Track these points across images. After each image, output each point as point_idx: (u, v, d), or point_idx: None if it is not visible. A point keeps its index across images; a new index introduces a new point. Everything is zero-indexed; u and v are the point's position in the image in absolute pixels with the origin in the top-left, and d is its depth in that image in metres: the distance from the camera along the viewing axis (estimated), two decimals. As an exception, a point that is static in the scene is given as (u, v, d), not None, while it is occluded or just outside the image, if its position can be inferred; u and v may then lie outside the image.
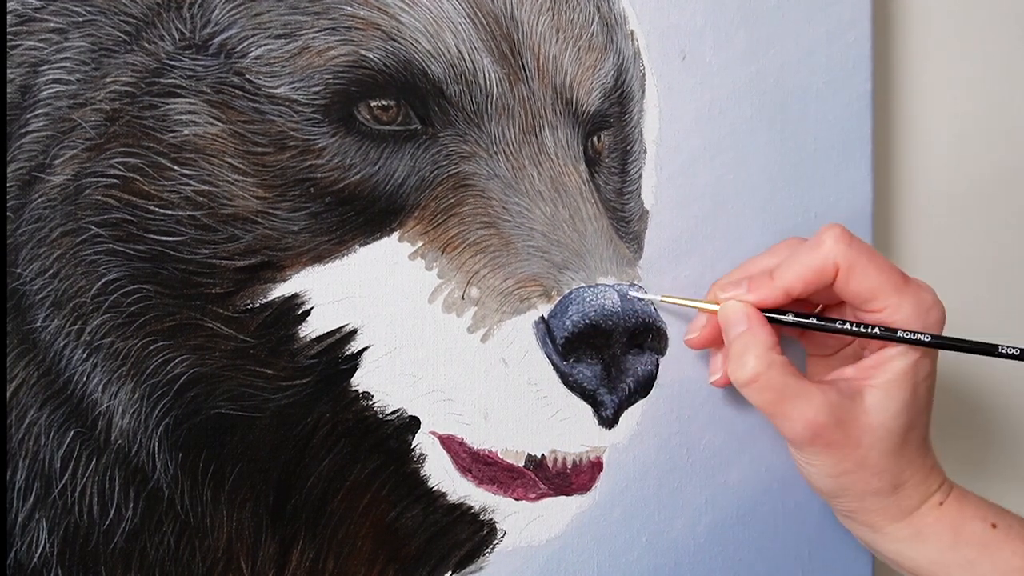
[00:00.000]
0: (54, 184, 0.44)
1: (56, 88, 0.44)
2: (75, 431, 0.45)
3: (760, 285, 0.52)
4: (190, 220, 0.45)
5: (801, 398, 0.50)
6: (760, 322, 0.51)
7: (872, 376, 0.51)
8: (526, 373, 0.49)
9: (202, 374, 0.46)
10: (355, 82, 0.46)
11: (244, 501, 0.47)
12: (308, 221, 0.46)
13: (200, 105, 0.45)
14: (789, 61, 0.59)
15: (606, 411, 0.50)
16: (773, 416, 0.51)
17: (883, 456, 0.51)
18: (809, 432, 0.50)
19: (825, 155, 0.60)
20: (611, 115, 0.55)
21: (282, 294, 0.46)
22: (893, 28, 0.69)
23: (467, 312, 0.48)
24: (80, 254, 0.44)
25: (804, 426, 0.50)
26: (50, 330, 0.44)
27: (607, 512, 0.54)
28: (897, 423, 0.51)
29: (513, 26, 0.50)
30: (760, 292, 0.52)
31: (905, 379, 0.51)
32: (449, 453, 0.49)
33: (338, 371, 0.48)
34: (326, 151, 0.46)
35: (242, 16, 0.45)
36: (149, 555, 0.46)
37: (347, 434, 0.48)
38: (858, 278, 0.51)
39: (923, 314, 0.51)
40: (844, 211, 0.61)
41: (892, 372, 0.51)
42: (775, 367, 0.50)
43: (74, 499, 0.45)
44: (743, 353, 0.50)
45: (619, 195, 0.56)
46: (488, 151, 0.49)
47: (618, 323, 0.48)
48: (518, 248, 0.48)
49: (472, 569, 0.52)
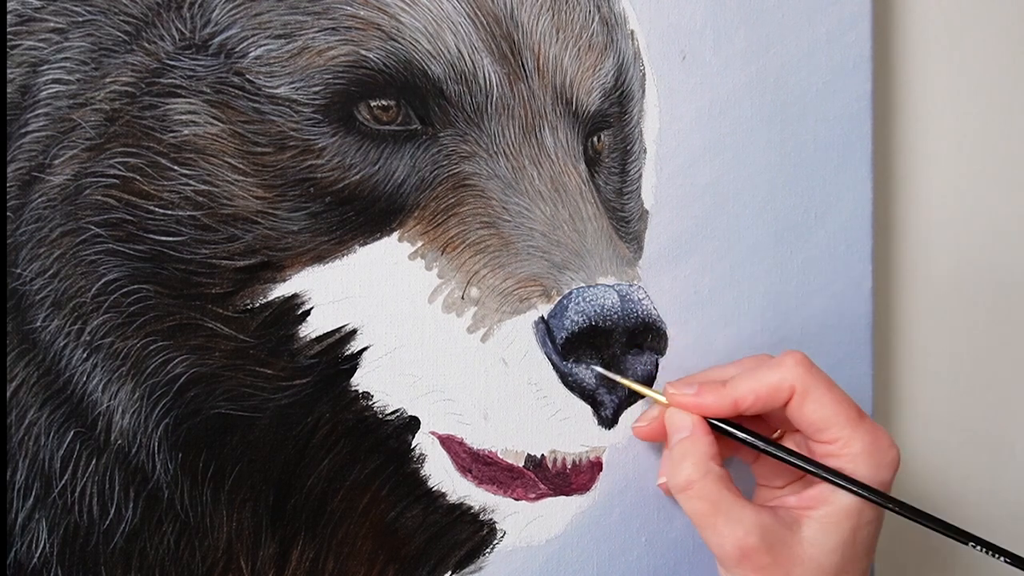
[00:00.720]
0: (54, 184, 0.44)
1: (56, 88, 0.44)
2: (75, 431, 0.45)
3: (709, 391, 0.51)
4: (190, 220, 0.45)
5: (733, 516, 0.48)
6: (703, 430, 0.51)
7: (813, 507, 0.50)
8: (526, 373, 0.49)
9: (202, 374, 0.46)
10: (355, 82, 0.46)
11: (244, 501, 0.47)
12: (308, 221, 0.46)
13: (200, 105, 0.45)
14: (789, 61, 0.59)
15: (606, 411, 0.50)
16: (703, 529, 0.49)
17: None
18: (737, 552, 0.48)
19: (825, 155, 0.61)
20: (611, 115, 0.55)
21: (282, 294, 0.46)
22: (893, 28, 0.69)
23: (467, 312, 0.48)
24: (80, 254, 0.44)
25: (733, 545, 0.48)
26: (50, 330, 0.44)
27: (607, 512, 0.54)
28: (830, 560, 0.49)
29: (513, 26, 0.50)
30: (707, 397, 0.51)
31: (847, 517, 0.49)
32: (449, 453, 0.49)
33: (338, 371, 0.48)
34: (326, 151, 0.46)
35: (242, 16, 0.45)
36: (149, 555, 0.46)
37: (347, 434, 0.48)
38: (812, 405, 0.50)
39: (876, 453, 0.50)
40: (844, 211, 0.61)
41: (834, 507, 0.49)
42: (710, 477, 0.49)
43: (74, 499, 0.45)
44: (681, 459, 0.50)
45: (619, 195, 0.56)
46: (488, 151, 0.49)
47: (618, 323, 0.48)
48: (518, 248, 0.48)
49: (472, 569, 0.52)
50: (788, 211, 0.59)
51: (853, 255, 0.63)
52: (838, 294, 0.62)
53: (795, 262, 0.60)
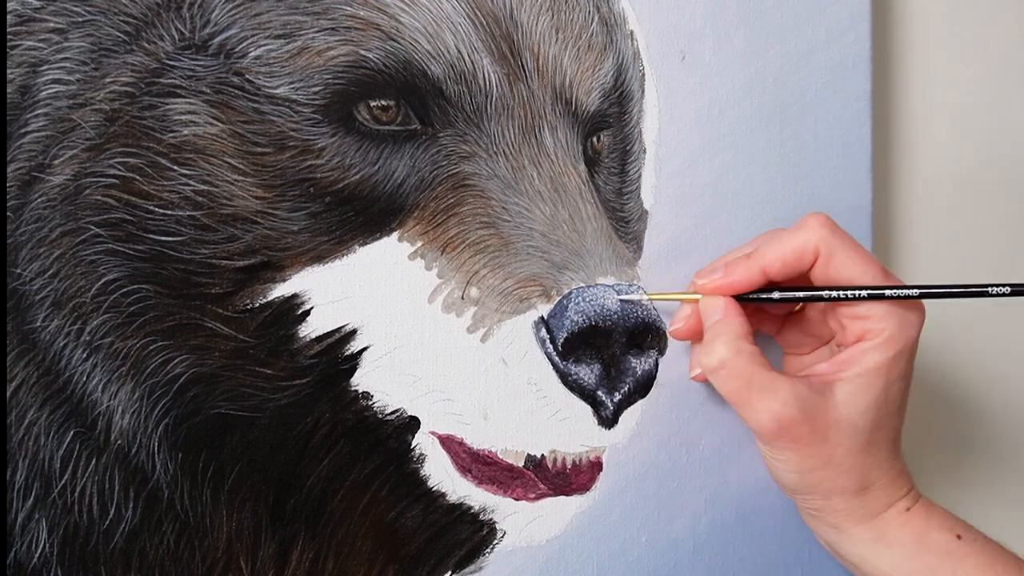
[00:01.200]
0: (54, 184, 0.44)
1: (56, 88, 0.44)
2: (75, 431, 0.45)
3: (736, 267, 0.52)
4: (190, 220, 0.45)
5: (768, 390, 0.49)
6: (735, 311, 0.51)
7: (844, 370, 0.51)
8: (526, 373, 0.49)
9: (202, 374, 0.46)
10: (355, 82, 0.46)
11: (244, 501, 0.47)
12: (308, 221, 0.46)
13: (200, 105, 0.45)
14: (789, 61, 0.59)
15: (606, 411, 0.50)
16: (739, 406, 0.50)
17: (850, 454, 0.50)
18: (775, 425, 0.49)
19: (825, 155, 0.60)
20: (611, 115, 0.55)
21: (282, 294, 0.46)
22: (893, 28, 0.69)
23: (467, 312, 0.48)
24: (80, 254, 0.44)
25: (770, 418, 0.49)
26: (50, 330, 0.44)
27: (607, 512, 0.54)
28: (865, 420, 0.50)
29: (513, 26, 0.50)
30: (736, 274, 0.51)
31: (877, 375, 0.50)
32: (449, 453, 0.49)
33: (338, 371, 0.48)
34: (326, 151, 0.46)
35: (242, 16, 0.45)
36: (149, 555, 0.46)
37: (347, 434, 0.48)
38: (837, 266, 0.50)
39: (902, 308, 0.50)
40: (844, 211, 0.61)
41: (864, 367, 0.50)
42: (743, 355, 0.49)
43: (74, 499, 0.45)
44: (713, 340, 0.50)
45: (619, 195, 0.56)
46: (488, 151, 0.49)
47: (617, 323, 0.48)
48: (518, 248, 0.48)
49: (472, 569, 0.52)
50: (788, 211, 0.59)
51: (853, 255, 0.62)
52: (838, 294, 0.62)
53: (795, 262, 0.60)
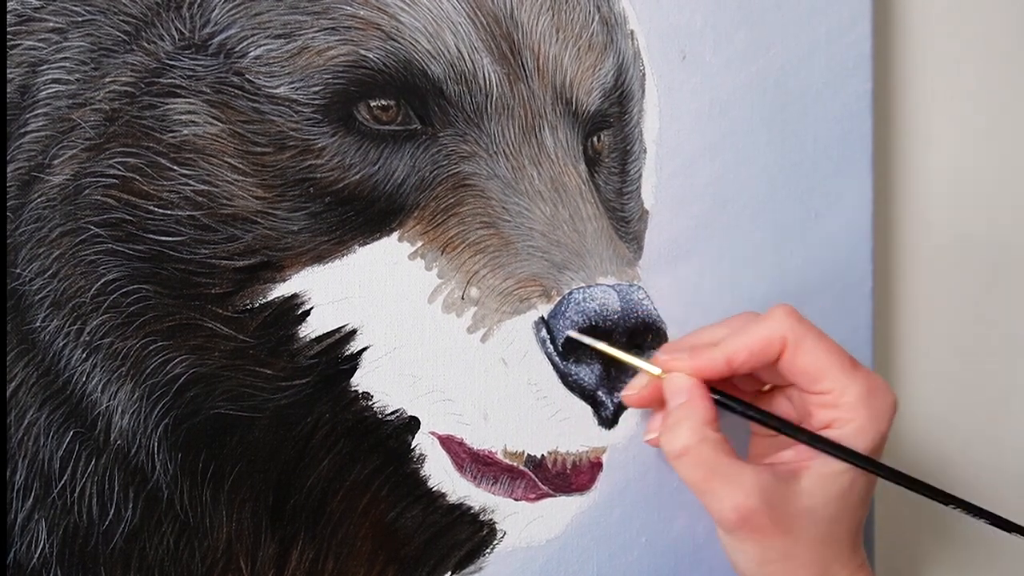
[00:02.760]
0: (53, 184, 0.44)
1: (55, 88, 0.44)
2: (74, 431, 0.45)
3: (702, 353, 0.50)
4: (189, 220, 0.45)
5: (732, 479, 0.48)
6: (701, 396, 0.50)
7: (810, 459, 0.50)
8: (526, 373, 0.49)
9: (201, 374, 0.46)
10: (355, 82, 0.46)
11: (244, 501, 0.47)
12: (308, 221, 0.46)
13: (199, 105, 0.45)
14: (789, 61, 0.59)
15: (606, 411, 0.50)
16: (702, 495, 0.49)
17: (811, 546, 0.49)
18: (736, 515, 0.48)
19: (825, 155, 0.61)
20: (611, 115, 0.55)
21: (282, 294, 0.46)
22: (893, 28, 0.69)
23: (467, 312, 0.48)
24: (79, 254, 0.44)
25: (732, 508, 0.48)
26: (49, 330, 0.44)
27: (607, 512, 0.54)
28: (827, 511, 0.49)
29: (513, 26, 0.50)
30: (701, 359, 0.50)
31: (844, 468, 0.49)
32: (449, 453, 0.49)
33: (338, 371, 0.48)
34: (326, 151, 0.46)
35: (241, 16, 0.45)
36: (149, 555, 0.46)
37: (347, 434, 0.48)
38: (805, 355, 0.49)
39: (873, 399, 0.49)
40: (844, 211, 0.61)
41: (831, 458, 0.49)
42: (707, 443, 0.48)
43: (73, 499, 0.45)
44: (677, 424, 0.49)
45: (619, 195, 0.56)
46: (488, 151, 0.49)
47: (618, 323, 0.48)
48: (518, 248, 0.48)
49: (472, 569, 0.52)
50: (788, 211, 0.59)
51: (853, 255, 0.63)
52: (838, 294, 0.62)
53: (795, 262, 0.60)
